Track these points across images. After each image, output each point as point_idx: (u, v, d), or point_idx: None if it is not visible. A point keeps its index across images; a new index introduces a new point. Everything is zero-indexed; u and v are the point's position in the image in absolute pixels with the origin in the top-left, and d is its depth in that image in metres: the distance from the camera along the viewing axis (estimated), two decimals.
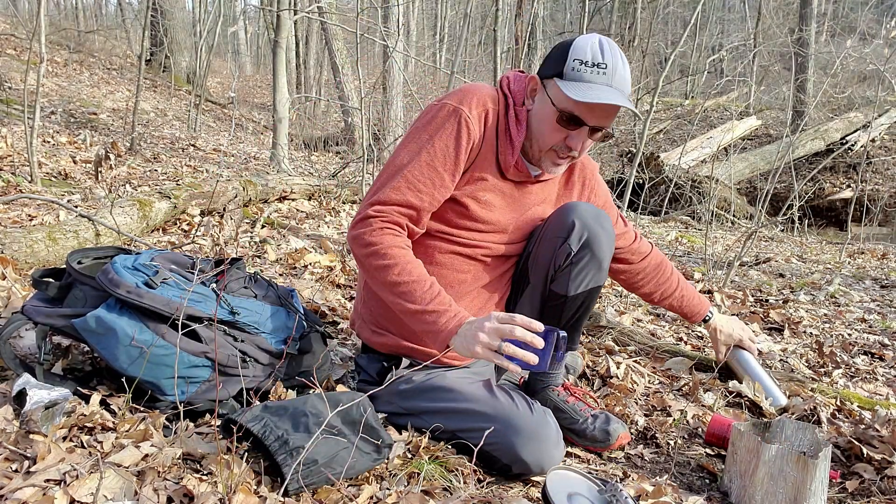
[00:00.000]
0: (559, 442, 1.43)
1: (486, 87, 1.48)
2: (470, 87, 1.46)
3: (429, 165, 1.38)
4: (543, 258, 1.55)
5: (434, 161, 1.38)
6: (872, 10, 18.29)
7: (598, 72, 1.32)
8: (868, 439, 1.65)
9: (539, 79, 1.43)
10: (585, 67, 1.32)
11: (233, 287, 1.52)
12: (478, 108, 1.41)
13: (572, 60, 1.34)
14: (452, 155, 1.39)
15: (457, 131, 1.39)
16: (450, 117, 1.39)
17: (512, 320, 1.20)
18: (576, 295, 1.56)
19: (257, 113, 12.36)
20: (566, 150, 1.42)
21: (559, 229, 1.51)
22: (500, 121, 1.45)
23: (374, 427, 1.30)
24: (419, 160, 1.38)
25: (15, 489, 1.04)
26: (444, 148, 1.39)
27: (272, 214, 3.78)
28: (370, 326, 1.58)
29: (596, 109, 1.35)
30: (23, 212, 2.91)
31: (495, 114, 1.44)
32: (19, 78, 7.43)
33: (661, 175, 7.33)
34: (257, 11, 19.87)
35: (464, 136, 1.39)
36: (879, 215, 8.72)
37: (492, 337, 1.19)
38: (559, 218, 1.52)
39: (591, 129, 1.39)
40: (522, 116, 1.45)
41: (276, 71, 6.21)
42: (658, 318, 2.84)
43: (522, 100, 1.46)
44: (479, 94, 1.43)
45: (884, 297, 3.70)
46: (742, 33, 17.35)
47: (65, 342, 1.60)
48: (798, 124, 9.45)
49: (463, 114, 1.39)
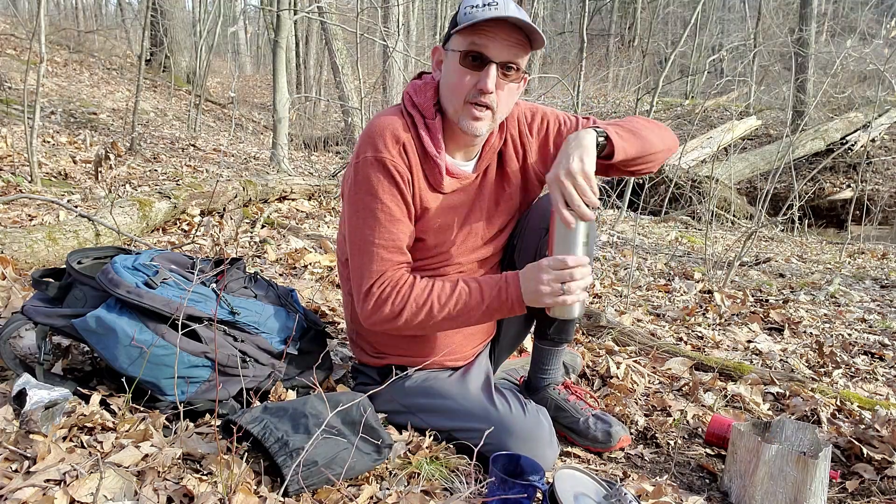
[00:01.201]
0: (552, 441, 1.43)
1: (388, 117, 1.42)
2: (375, 125, 1.40)
3: (390, 220, 1.38)
4: (528, 249, 1.55)
5: (393, 214, 1.38)
6: (872, 10, 18.29)
7: (488, 8, 1.28)
8: (868, 439, 1.65)
9: (441, 48, 1.41)
10: (476, 9, 1.29)
11: (233, 287, 1.52)
12: (393, 146, 1.38)
13: (464, 8, 1.31)
14: (400, 199, 1.39)
15: (391, 177, 1.37)
16: (375, 169, 1.37)
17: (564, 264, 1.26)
18: None
19: (257, 113, 12.36)
20: (479, 94, 1.34)
21: (542, 220, 1.52)
22: (416, 143, 1.41)
23: (375, 427, 1.30)
24: (380, 223, 1.38)
25: (15, 489, 1.04)
26: (391, 198, 1.38)
27: (272, 214, 3.78)
28: (368, 352, 1.59)
29: (495, 38, 1.29)
30: (23, 212, 2.91)
31: (410, 140, 1.41)
32: (19, 78, 7.44)
33: (661, 175, 7.33)
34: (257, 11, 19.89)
35: (397, 177, 1.38)
36: (879, 215, 8.71)
37: (553, 286, 1.27)
38: (540, 210, 1.54)
39: (500, 68, 1.32)
40: (435, 127, 1.41)
41: (276, 71, 6.21)
42: (658, 319, 2.84)
43: (431, 108, 1.42)
44: (388, 129, 1.39)
45: (884, 297, 3.70)
46: (742, 33, 17.34)
47: (65, 342, 1.60)
48: (798, 124, 9.44)
49: (386, 159, 1.37)
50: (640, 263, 4.13)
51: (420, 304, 1.36)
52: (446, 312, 1.36)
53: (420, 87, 1.44)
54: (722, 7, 22.73)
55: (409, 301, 1.36)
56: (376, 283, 1.37)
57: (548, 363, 1.70)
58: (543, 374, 1.71)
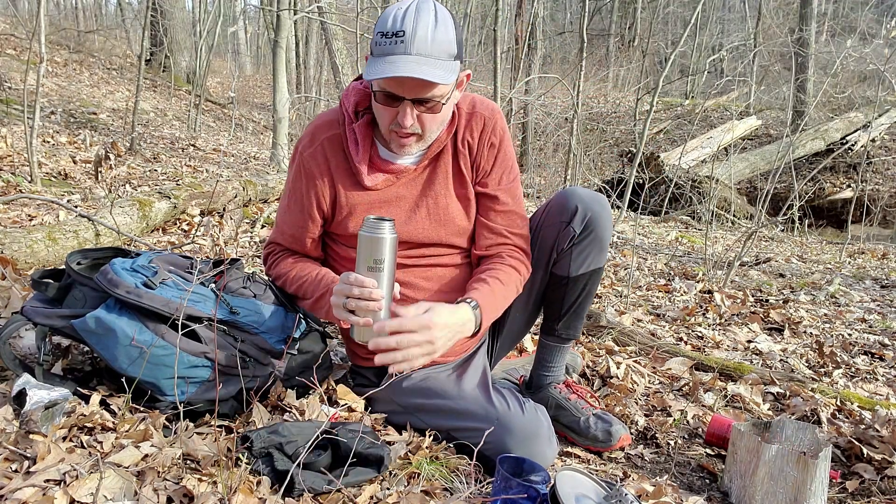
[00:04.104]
0: (552, 440, 1.43)
1: (326, 115, 1.48)
2: (314, 120, 1.49)
3: (287, 210, 1.53)
4: (546, 242, 1.56)
5: (291, 205, 1.51)
6: (872, 10, 18.28)
7: (395, 41, 1.22)
8: (868, 439, 1.65)
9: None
10: (385, 39, 1.23)
11: (232, 287, 1.52)
12: (313, 143, 1.45)
13: (376, 34, 1.26)
14: (301, 196, 1.48)
15: (300, 175, 1.48)
16: (295, 160, 1.49)
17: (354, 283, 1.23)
18: (577, 276, 1.57)
19: (257, 113, 12.36)
20: (400, 126, 1.33)
21: (561, 213, 1.53)
22: (345, 143, 1.44)
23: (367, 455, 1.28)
24: (285, 207, 1.54)
25: (15, 489, 1.04)
26: (295, 191, 1.49)
27: (272, 214, 3.78)
28: (361, 354, 1.59)
29: (405, 82, 1.25)
30: (23, 212, 2.91)
31: (337, 139, 1.43)
32: (19, 78, 7.43)
33: (661, 175, 7.33)
34: (257, 11, 19.87)
35: (303, 177, 1.47)
36: (879, 215, 8.72)
37: (337, 296, 1.27)
38: (559, 203, 1.54)
39: (416, 102, 1.29)
40: (361, 131, 1.42)
41: (276, 71, 6.21)
42: (658, 319, 2.84)
43: (356, 111, 1.43)
44: (315, 128, 1.46)
45: (884, 297, 3.70)
46: (742, 33, 17.34)
47: (64, 342, 1.60)
48: (798, 124, 9.44)
49: (303, 156, 1.46)
50: (640, 263, 4.13)
51: (279, 278, 1.54)
52: (299, 303, 1.52)
53: (349, 92, 1.46)
54: (722, 7, 22.72)
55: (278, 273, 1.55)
56: (268, 247, 1.60)
57: (552, 360, 1.70)
58: (547, 371, 1.71)
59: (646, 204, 7.28)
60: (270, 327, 1.49)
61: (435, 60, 1.24)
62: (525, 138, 10.06)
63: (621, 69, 17.14)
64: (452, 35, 1.27)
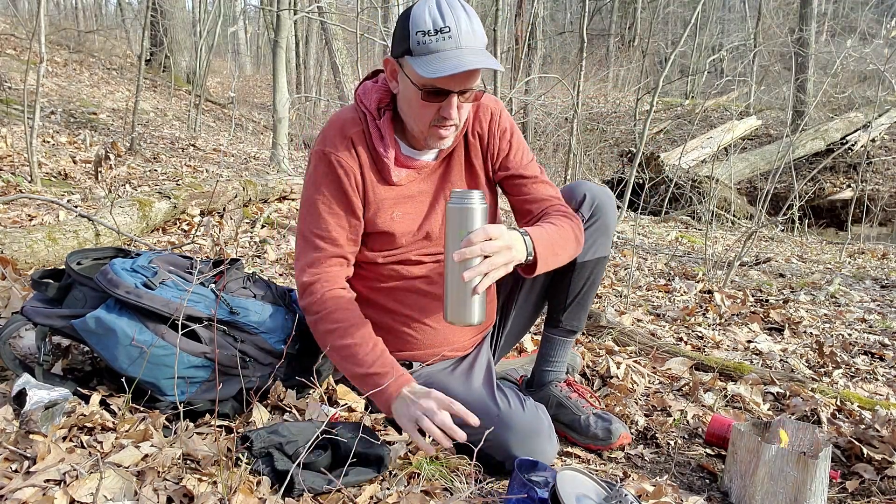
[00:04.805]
0: (552, 437, 1.43)
1: (344, 112, 1.48)
2: (330, 122, 1.47)
3: (329, 213, 1.44)
4: None
5: (332, 207, 1.44)
6: (872, 10, 18.28)
7: (442, 38, 1.26)
8: (868, 439, 1.65)
9: (395, 60, 1.39)
10: (429, 37, 1.26)
11: (232, 287, 1.52)
12: (342, 142, 1.43)
13: (415, 34, 1.27)
14: (342, 194, 1.43)
15: (335, 173, 1.43)
16: (322, 163, 1.44)
17: (450, 407, 1.24)
18: (584, 262, 1.59)
19: (257, 113, 12.36)
20: (444, 120, 1.37)
21: (570, 200, 1.57)
22: (367, 138, 1.45)
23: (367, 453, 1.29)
24: (320, 213, 1.45)
25: (15, 489, 1.04)
26: (333, 192, 1.44)
27: (272, 214, 3.78)
28: None
29: (456, 76, 1.28)
30: (23, 212, 2.91)
31: (362, 136, 1.44)
32: (19, 78, 7.44)
33: (661, 175, 7.33)
34: (257, 11, 19.87)
35: (341, 174, 1.43)
36: (879, 215, 8.72)
37: (420, 417, 1.24)
38: (568, 191, 1.59)
39: (460, 94, 1.34)
40: (383, 125, 1.44)
41: (276, 71, 6.21)
42: (658, 319, 2.84)
43: (378, 108, 1.44)
44: (339, 126, 1.45)
45: (884, 297, 3.70)
46: (742, 33, 17.35)
47: (64, 342, 1.60)
48: (798, 124, 9.44)
49: (332, 156, 1.43)
50: (640, 263, 4.13)
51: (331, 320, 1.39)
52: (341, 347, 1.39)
53: (368, 90, 1.47)
54: (722, 7, 22.73)
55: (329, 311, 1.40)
56: (307, 272, 1.43)
57: (555, 355, 1.71)
58: (549, 366, 1.71)
59: (646, 204, 7.28)
60: (270, 327, 1.49)
61: (483, 50, 1.30)
62: (525, 138, 10.06)
63: (621, 69, 17.15)
64: (481, 25, 1.32)
